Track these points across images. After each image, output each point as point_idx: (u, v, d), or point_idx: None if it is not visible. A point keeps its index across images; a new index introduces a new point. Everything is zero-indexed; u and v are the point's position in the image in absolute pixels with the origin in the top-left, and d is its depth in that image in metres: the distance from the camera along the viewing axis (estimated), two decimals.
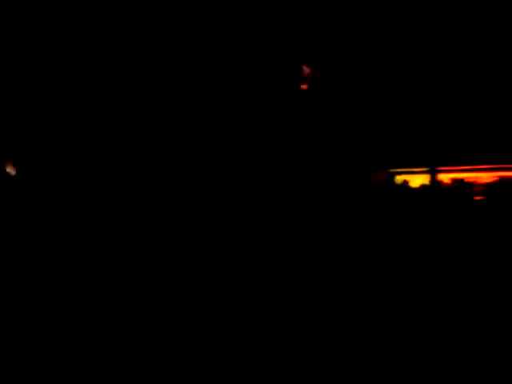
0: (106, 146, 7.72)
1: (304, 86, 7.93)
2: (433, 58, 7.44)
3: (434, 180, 7.11)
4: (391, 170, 7.38)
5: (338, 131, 7.71)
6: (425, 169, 7.40)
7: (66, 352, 4.20)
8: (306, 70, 7.93)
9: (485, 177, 7.05)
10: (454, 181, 6.82)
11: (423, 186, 7.13)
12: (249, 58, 7.92)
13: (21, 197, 6.57)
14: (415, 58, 7.50)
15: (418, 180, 7.31)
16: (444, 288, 5.05)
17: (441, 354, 4.04)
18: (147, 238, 6.09)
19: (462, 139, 7.25)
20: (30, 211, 6.29)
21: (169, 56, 8.00)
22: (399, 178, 7.25)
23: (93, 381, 3.88)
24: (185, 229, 6.26)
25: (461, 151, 7.20)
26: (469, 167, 7.16)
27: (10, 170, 7.06)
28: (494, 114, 7.18)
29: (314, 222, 6.54)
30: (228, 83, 7.99)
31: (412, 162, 7.37)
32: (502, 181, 6.84)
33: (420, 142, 7.40)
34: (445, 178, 7.17)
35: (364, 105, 7.64)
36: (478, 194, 6.86)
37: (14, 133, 7.44)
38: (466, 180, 7.07)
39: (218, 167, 7.71)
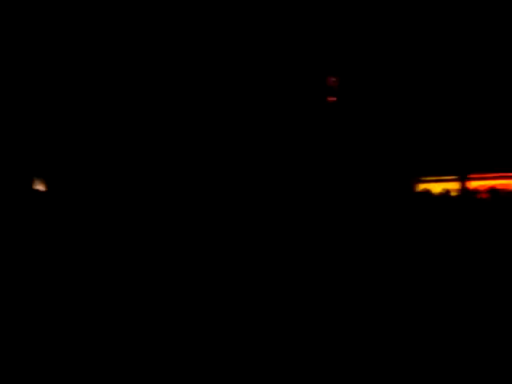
0: (106, 146, 7.76)
1: (332, 98, 8.05)
2: (458, 71, 7.52)
3: (465, 187, 7.19)
4: (424, 178, 7.48)
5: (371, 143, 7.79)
6: (455, 176, 7.49)
7: (66, 352, 4.17)
8: (333, 81, 8.05)
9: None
10: (488, 189, 6.88)
11: (456, 194, 7.18)
12: (276, 68, 8.04)
13: (23, 198, 6.63)
14: (442, 70, 7.59)
15: (449, 187, 7.36)
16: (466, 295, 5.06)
17: (441, 354, 4.05)
18: (148, 237, 6.10)
19: (492, 147, 7.32)
20: (34, 213, 6.32)
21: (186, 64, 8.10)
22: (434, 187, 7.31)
23: (93, 381, 3.85)
24: (189, 227, 6.32)
25: (490, 158, 7.27)
26: (499, 174, 7.25)
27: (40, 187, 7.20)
28: None
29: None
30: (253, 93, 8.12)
31: (443, 170, 7.46)
32: None
33: (450, 150, 7.48)
34: (475, 185, 7.26)
35: (394, 115, 7.73)
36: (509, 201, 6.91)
37: (15, 133, 7.51)
38: (498, 187, 7.12)
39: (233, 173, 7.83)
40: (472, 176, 7.29)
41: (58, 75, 7.90)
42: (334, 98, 8.09)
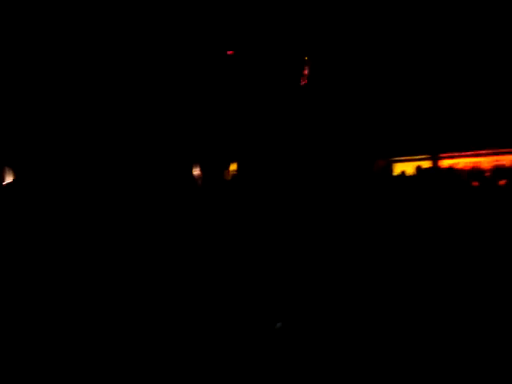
0: (107, 147, 7.83)
1: (304, 81, 8.07)
2: (426, 49, 7.52)
3: (432, 167, 7.27)
4: (390, 159, 7.55)
5: (339, 122, 7.84)
6: (423, 156, 7.56)
7: (66, 352, 4.19)
8: (306, 65, 8.06)
9: (483, 162, 7.20)
10: (451, 168, 6.96)
11: (422, 173, 7.25)
12: (252, 57, 8.04)
13: (21, 198, 6.68)
14: (409, 51, 7.59)
15: (415, 167, 7.42)
16: (439, 278, 5.13)
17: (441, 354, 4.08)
18: (146, 237, 6.12)
19: (460, 125, 7.36)
20: (30, 212, 6.35)
21: (170, 56, 8.12)
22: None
23: (93, 381, 3.87)
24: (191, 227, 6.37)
25: (458, 137, 7.33)
26: (467, 153, 7.31)
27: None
28: (490, 101, 7.26)
29: (316, 209, 6.60)
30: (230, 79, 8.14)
31: (411, 150, 7.53)
32: (500, 167, 6.97)
33: (418, 130, 7.53)
34: (443, 164, 7.34)
35: (362, 96, 7.76)
36: (476, 180, 6.99)
37: (15, 133, 7.56)
38: (465, 166, 7.19)
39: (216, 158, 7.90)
40: (444, 155, 7.37)
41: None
42: (306, 81, 8.11)
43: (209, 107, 8.24)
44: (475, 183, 6.75)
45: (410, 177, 7.00)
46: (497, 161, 7.18)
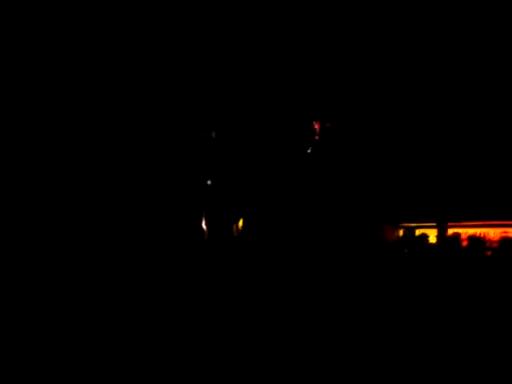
0: (107, 148, 7.61)
1: (315, 140, 8.17)
2: (443, 117, 7.77)
3: (443, 235, 7.36)
4: (402, 225, 7.62)
5: (346, 186, 7.91)
6: (431, 224, 7.66)
7: (66, 352, 4.17)
8: (317, 125, 8.18)
9: (491, 233, 7.35)
10: (469, 237, 7.07)
11: (434, 241, 7.34)
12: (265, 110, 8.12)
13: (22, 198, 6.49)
14: (424, 115, 7.83)
15: (428, 235, 7.52)
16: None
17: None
18: (146, 238, 6.06)
19: (468, 196, 7.54)
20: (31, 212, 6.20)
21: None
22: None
23: (93, 381, 3.85)
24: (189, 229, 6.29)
25: (467, 207, 7.48)
26: (475, 223, 7.46)
27: None
28: (496, 174, 7.50)
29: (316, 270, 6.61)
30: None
31: (419, 217, 7.62)
32: (507, 238, 7.15)
33: (429, 197, 7.66)
34: (451, 232, 7.44)
35: (376, 161, 7.89)
36: (486, 250, 7.11)
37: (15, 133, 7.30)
38: (476, 235, 7.31)
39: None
40: (451, 224, 7.48)
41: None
42: (318, 142, 8.21)
43: (221, 165, 8.19)
44: (488, 253, 6.88)
45: (423, 244, 7.10)
46: (504, 232, 7.35)
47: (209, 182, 8.10)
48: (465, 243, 7.23)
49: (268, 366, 4.21)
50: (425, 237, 7.57)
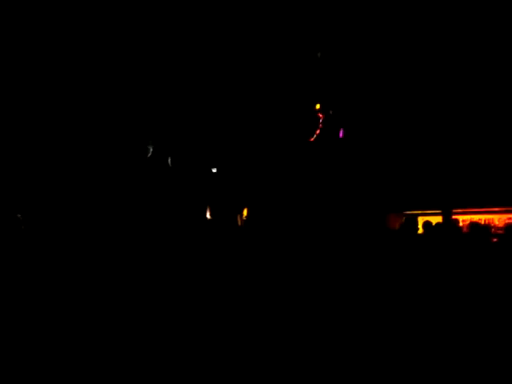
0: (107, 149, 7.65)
1: (318, 131, 8.16)
2: (447, 105, 7.74)
3: (448, 222, 7.32)
4: (406, 213, 7.59)
5: (349, 175, 7.91)
6: (436, 211, 7.64)
7: (66, 352, 4.16)
8: (321, 115, 8.17)
9: (496, 219, 7.32)
10: (471, 223, 7.01)
11: (439, 228, 7.29)
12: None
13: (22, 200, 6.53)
14: (430, 103, 7.80)
15: (433, 221, 7.48)
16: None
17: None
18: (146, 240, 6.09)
19: (473, 182, 7.51)
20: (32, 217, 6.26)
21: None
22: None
23: (93, 381, 3.86)
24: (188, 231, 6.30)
25: (474, 194, 7.46)
26: (481, 209, 7.44)
27: None
28: (502, 160, 7.47)
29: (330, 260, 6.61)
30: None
31: (426, 205, 7.61)
32: None
33: (432, 184, 7.65)
34: (459, 219, 7.41)
35: (375, 150, 7.88)
36: (492, 236, 7.06)
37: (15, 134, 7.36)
38: (480, 222, 7.27)
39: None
40: (457, 210, 7.46)
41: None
42: (318, 131, 8.21)
43: (225, 156, 8.22)
44: (495, 239, 6.83)
45: (429, 230, 7.00)
46: (509, 218, 7.32)
47: (214, 170, 8.13)
48: (469, 230, 7.18)
49: (269, 360, 4.24)
50: (429, 224, 7.53)
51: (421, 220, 7.78)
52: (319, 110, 8.05)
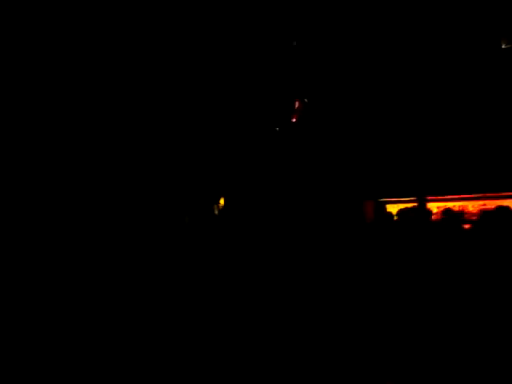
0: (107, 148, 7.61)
1: (295, 118, 8.16)
2: (421, 92, 7.76)
3: (422, 209, 7.37)
4: (380, 200, 7.63)
5: (326, 162, 7.92)
6: (413, 198, 7.68)
7: (66, 352, 4.19)
8: (298, 102, 8.16)
9: (470, 206, 7.39)
10: (444, 210, 7.06)
11: (413, 215, 7.34)
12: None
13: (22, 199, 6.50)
14: (403, 90, 7.81)
15: (406, 209, 7.51)
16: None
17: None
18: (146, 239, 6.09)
19: (447, 170, 7.57)
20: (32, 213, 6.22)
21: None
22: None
23: (93, 381, 3.88)
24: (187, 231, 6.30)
25: (447, 181, 7.52)
26: (455, 196, 7.49)
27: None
28: (480, 145, 7.52)
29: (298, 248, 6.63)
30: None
31: (400, 192, 7.65)
32: (488, 210, 7.14)
33: (406, 172, 7.69)
34: (432, 207, 7.46)
35: (355, 135, 7.89)
36: (466, 223, 7.12)
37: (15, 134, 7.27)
38: (454, 209, 7.32)
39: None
40: (429, 198, 7.52)
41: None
42: (296, 117, 8.20)
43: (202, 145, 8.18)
44: (467, 226, 6.88)
45: (404, 218, 7.04)
46: (483, 205, 7.38)
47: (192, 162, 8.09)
48: (443, 217, 7.24)
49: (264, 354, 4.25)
50: (403, 212, 7.58)
51: (396, 208, 7.84)
52: (295, 98, 8.05)
